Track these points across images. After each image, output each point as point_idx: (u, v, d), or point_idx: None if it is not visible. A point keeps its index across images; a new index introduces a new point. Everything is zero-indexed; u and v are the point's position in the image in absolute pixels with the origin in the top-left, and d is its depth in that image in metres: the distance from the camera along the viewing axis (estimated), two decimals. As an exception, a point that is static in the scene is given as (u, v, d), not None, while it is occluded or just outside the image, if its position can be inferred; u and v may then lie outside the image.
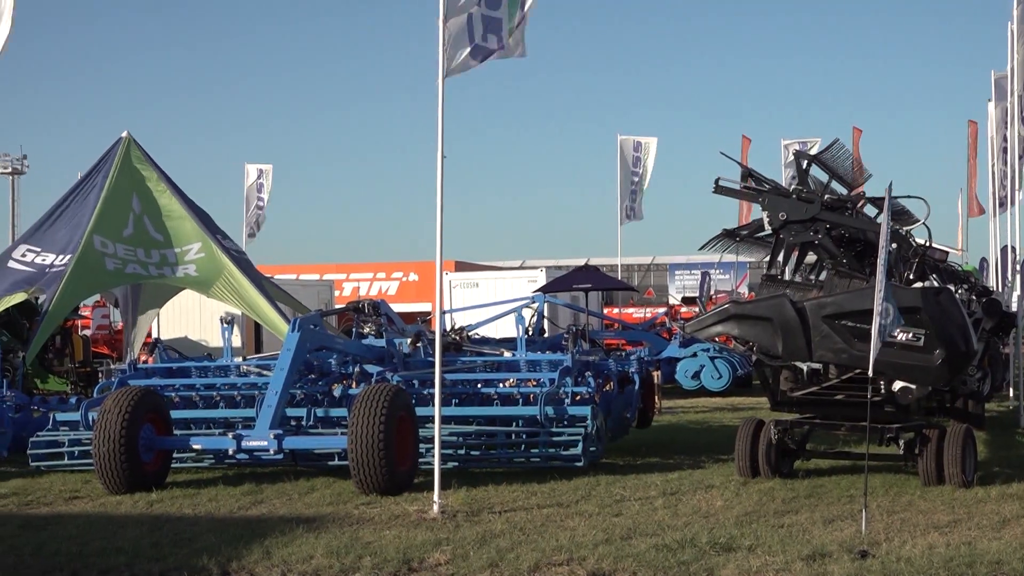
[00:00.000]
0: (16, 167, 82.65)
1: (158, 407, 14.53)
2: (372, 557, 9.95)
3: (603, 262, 52.08)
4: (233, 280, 21.40)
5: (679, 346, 27.49)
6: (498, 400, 15.55)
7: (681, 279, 61.37)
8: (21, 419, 17.31)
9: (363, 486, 13.08)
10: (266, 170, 41.56)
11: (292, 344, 14.48)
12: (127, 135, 22.55)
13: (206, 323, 28.08)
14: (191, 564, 9.82)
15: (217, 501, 13.14)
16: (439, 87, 12.38)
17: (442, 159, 12.47)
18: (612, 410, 16.23)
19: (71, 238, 21.04)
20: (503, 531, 11.00)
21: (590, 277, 31.48)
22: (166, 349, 17.69)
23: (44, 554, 10.43)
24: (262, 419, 14.03)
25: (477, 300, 31.47)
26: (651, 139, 41.43)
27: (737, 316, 13.54)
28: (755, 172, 14.79)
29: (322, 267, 50.35)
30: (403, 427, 13.43)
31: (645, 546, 10.22)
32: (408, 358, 16.30)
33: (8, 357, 18.94)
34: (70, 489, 14.16)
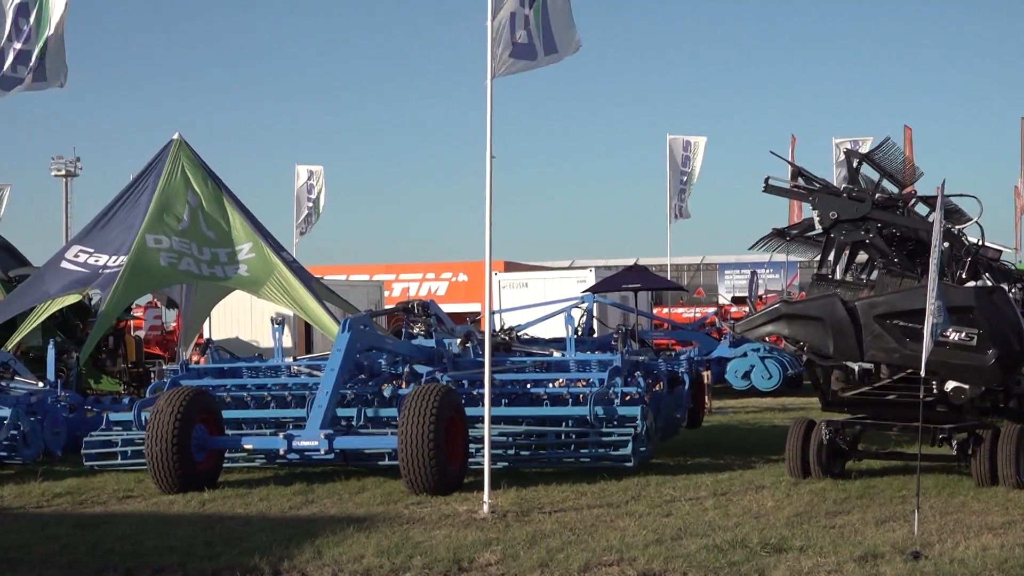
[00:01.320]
0: (69, 169, 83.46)
1: (210, 407, 14.62)
2: (422, 557, 9.97)
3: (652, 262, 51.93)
4: (284, 280, 21.50)
5: (729, 346, 27.41)
6: (548, 400, 15.54)
7: (731, 279, 61.11)
8: (75, 419, 17.49)
9: (413, 486, 13.11)
10: (316, 171, 41.72)
11: (342, 344, 14.54)
12: (178, 137, 22.70)
13: (257, 324, 28.24)
14: (243, 563, 9.88)
15: (268, 501, 13.21)
16: (487, 87, 12.39)
17: (491, 159, 12.48)
18: (662, 410, 16.19)
19: (124, 239, 21.19)
20: (553, 531, 10.99)
21: (639, 277, 31.40)
22: (218, 349, 17.81)
23: (98, 553, 10.52)
24: (313, 419, 14.09)
25: (526, 300, 31.48)
26: (700, 138, 41.31)
27: (788, 316, 13.48)
28: (805, 171, 14.72)
29: (372, 268, 50.47)
30: (453, 427, 13.45)
31: (695, 547, 10.19)
32: (458, 358, 16.32)
33: (62, 358, 19.13)
34: (123, 488, 14.28)
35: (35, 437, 16.33)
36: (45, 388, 18.01)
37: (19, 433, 16.11)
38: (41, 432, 16.52)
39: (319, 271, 33.12)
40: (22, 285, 22.43)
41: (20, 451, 16.12)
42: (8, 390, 17.76)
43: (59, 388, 18.16)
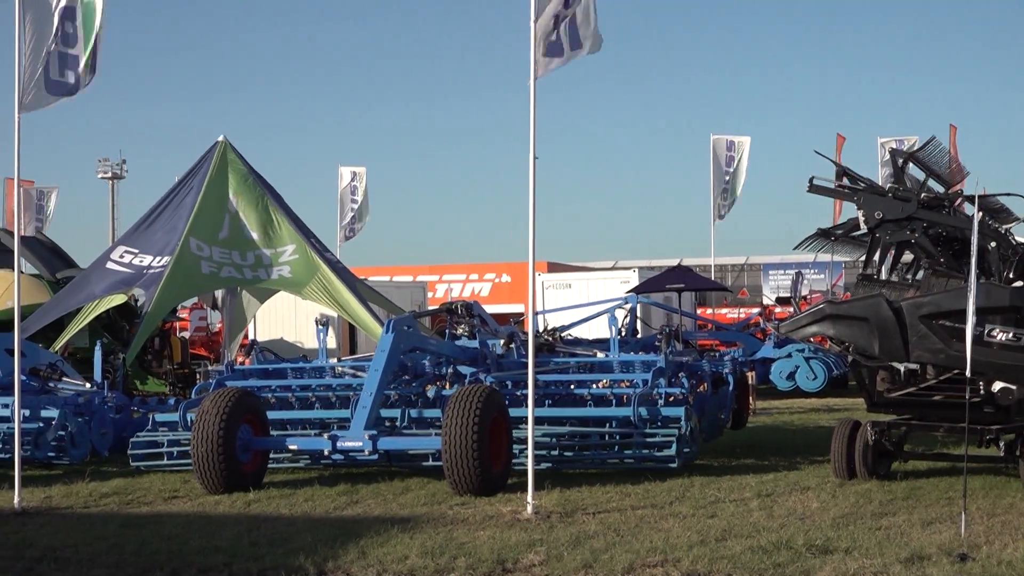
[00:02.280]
0: (116, 172, 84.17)
1: (255, 408, 14.69)
2: (466, 557, 9.99)
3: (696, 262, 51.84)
4: (327, 282, 21.59)
5: (774, 346, 27.27)
6: (591, 401, 15.52)
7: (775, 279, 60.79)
8: (121, 420, 17.62)
9: (457, 487, 13.13)
10: (360, 172, 41.86)
11: (386, 345, 14.57)
12: (223, 139, 22.83)
13: (301, 325, 28.33)
14: (288, 563, 9.92)
15: (313, 501, 13.26)
16: (531, 88, 12.40)
17: (534, 160, 12.49)
18: (706, 411, 16.14)
19: (168, 240, 21.34)
20: (597, 532, 10.99)
21: (683, 277, 31.34)
22: (262, 351, 17.89)
23: (144, 553, 10.59)
24: (357, 420, 14.14)
25: (570, 301, 31.45)
26: (744, 138, 41.15)
27: (832, 316, 13.42)
28: (850, 171, 14.65)
29: (415, 269, 50.60)
30: (496, 428, 13.46)
31: (740, 548, 10.15)
32: (501, 359, 16.33)
33: (109, 359, 19.26)
34: (169, 489, 14.37)
35: (82, 438, 16.47)
36: (92, 389, 18.16)
37: (67, 434, 16.25)
38: (88, 433, 16.65)
39: (363, 272, 33.24)
40: (68, 286, 22.64)
41: (68, 451, 16.26)
42: (56, 391, 17.92)
43: (106, 389, 18.30)
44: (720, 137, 40.45)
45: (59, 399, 17.15)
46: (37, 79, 13.39)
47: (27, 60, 13.33)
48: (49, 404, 16.61)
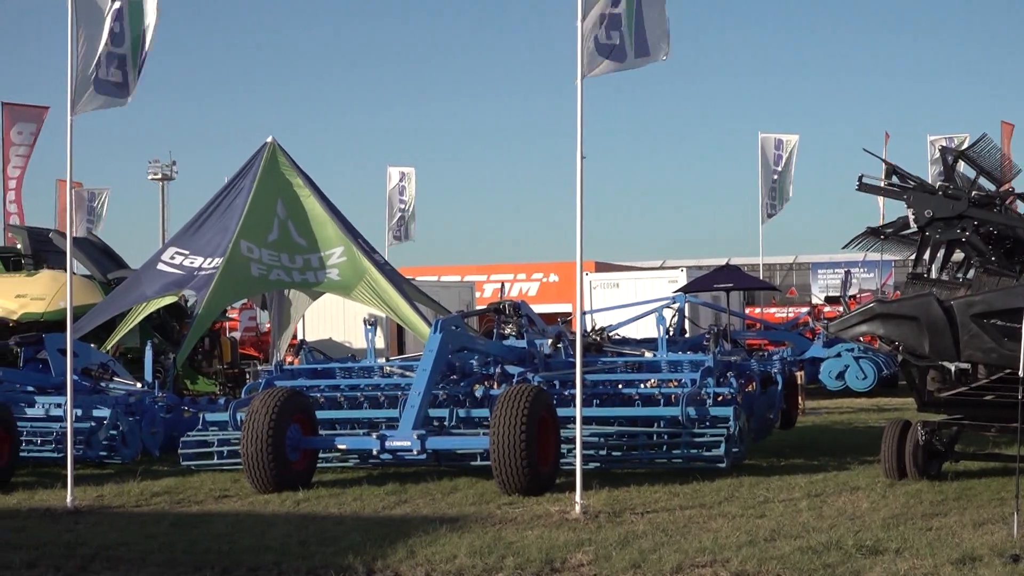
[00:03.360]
0: (166, 173, 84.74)
1: (304, 408, 14.76)
2: (515, 557, 9.99)
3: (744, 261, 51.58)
4: (375, 283, 21.66)
5: (823, 346, 27.13)
6: (639, 401, 15.49)
7: (824, 278, 60.48)
8: (172, 419, 17.75)
9: (505, 486, 13.14)
10: (408, 173, 42.00)
11: (434, 345, 14.60)
12: (272, 140, 22.94)
13: (350, 325, 28.44)
14: (337, 563, 9.96)
15: (362, 500, 13.31)
16: (578, 88, 12.40)
17: (582, 160, 12.48)
18: (755, 411, 16.08)
19: (219, 242, 21.46)
20: (645, 532, 10.97)
21: (731, 276, 31.23)
22: (311, 351, 17.97)
23: (195, 551, 10.67)
24: (405, 419, 14.17)
25: (617, 300, 31.44)
26: (792, 136, 41.00)
27: (882, 315, 13.33)
28: (900, 169, 14.55)
29: (463, 268, 50.62)
30: (544, 427, 13.46)
31: (789, 548, 10.11)
32: (549, 359, 16.32)
33: (159, 359, 19.42)
34: (220, 488, 14.46)
35: (134, 437, 16.60)
36: (143, 389, 18.31)
37: (118, 433, 16.40)
38: (139, 432, 16.79)
39: (410, 272, 33.33)
40: (120, 287, 22.82)
41: (119, 451, 16.41)
42: (107, 391, 18.08)
43: (156, 389, 18.44)
44: (768, 135, 40.32)
45: (111, 399, 17.30)
46: (87, 80, 13.52)
47: (79, 62, 13.46)
48: (101, 404, 16.75)
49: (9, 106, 36.56)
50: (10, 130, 36.15)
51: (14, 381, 17.77)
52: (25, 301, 24.52)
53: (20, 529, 12.00)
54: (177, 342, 23.85)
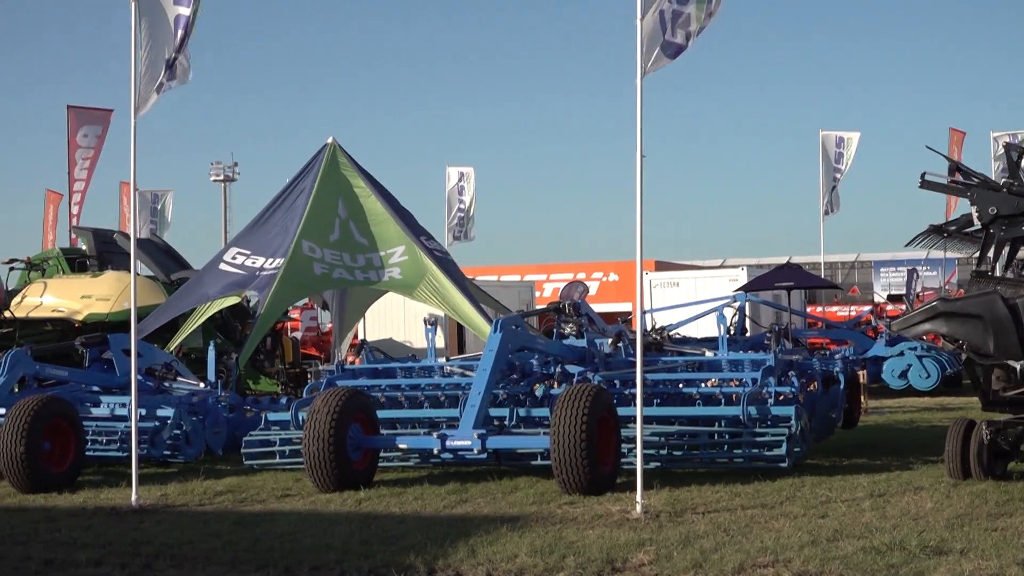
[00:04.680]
0: (228, 174, 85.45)
1: (365, 407, 14.82)
2: (576, 556, 9.99)
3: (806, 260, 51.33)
4: (436, 282, 21.70)
5: (885, 345, 26.88)
6: (700, 400, 15.44)
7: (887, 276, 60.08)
8: (235, 419, 17.88)
9: (566, 486, 13.14)
10: (467, 173, 42.05)
11: (494, 345, 14.62)
12: (332, 141, 23.04)
13: (410, 325, 28.57)
14: (398, 562, 10.00)
15: (423, 500, 13.35)
16: (637, 86, 12.37)
17: (641, 158, 12.46)
18: (816, 410, 15.97)
19: (281, 242, 21.58)
20: (707, 532, 10.93)
21: (792, 275, 31.05)
22: (372, 350, 18.04)
23: (258, 550, 10.74)
24: (466, 419, 14.19)
25: (678, 299, 31.35)
26: (854, 134, 40.70)
27: (946, 314, 13.21)
28: (963, 166, 14.43)
29: (523, 268, 50.70)
30: (605, 427, 13.45)
31: (852, 548, 10.04)
32: (609, 358, 16.29)
33: (222, 359, 19.56)
34: (282, 487, 14.56)
35: (197, 437, 16.74)
36: (206, 389, 18.45)
37: (182, 433, 16.54)
38: (203, 432, 16.92)
39: (470, 272, 33.37)
40: (183, 287, 23.01)
41: (183, 450, 16.55)
42: (171, 391, 18.25)
43: (219, 389, 18.58)
44: (829, 133, 40.06)
45: (174, 399, 17.46)
46: (148, 83, 13.65)
47: (143, 66, 13.59)
48: (164, 403, 16.91)
49: (75, 109, 36.97)
50: (76, 133, 36.53)
51: (80, 381, 17.97)
52: (90, 302, 24.80)
53: (86, 527, 12.14)
54: (239, 342, 24.02)
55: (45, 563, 10.51)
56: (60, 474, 15.06)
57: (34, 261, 28.37)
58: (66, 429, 15.28)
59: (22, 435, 14.61)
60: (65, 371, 17.98)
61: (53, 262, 28.22)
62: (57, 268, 27.78)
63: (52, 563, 10.51)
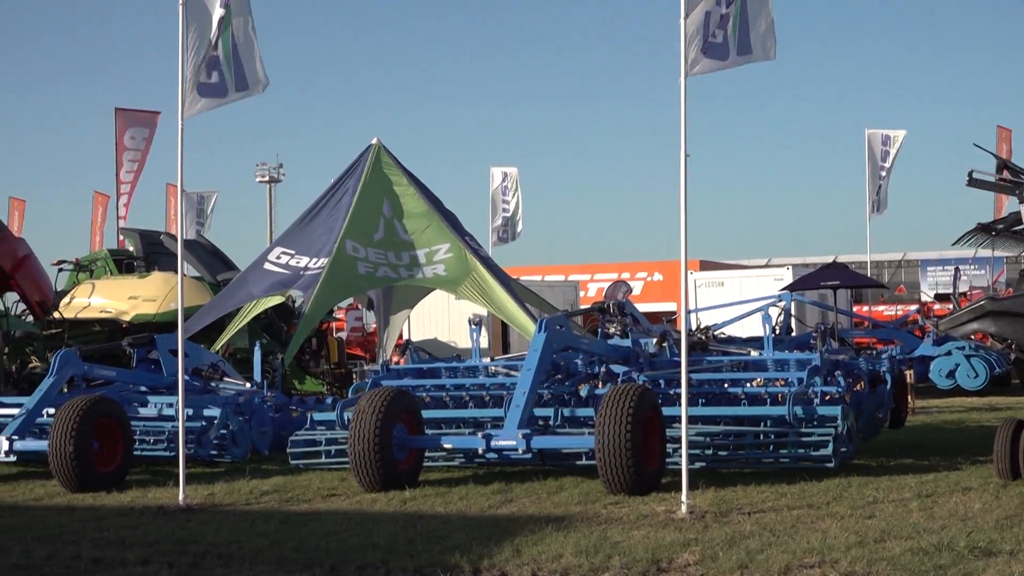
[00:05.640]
0: (273, 175, 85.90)
1: (410, 407, 14.85)
2: (621, 557, 9.98)
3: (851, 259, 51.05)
4: (481, 280, 21.69)
5: (932, 344, 26.70)
6: (745, 400, 15.38)
7: (933, 275, 59.61)
8: (280, 419, 17.97)
9: (611, 486, 13.13)
10: (511, 173, 42.04)
11: (539, 345, 14.62)
12: (377, 142, 23.09)
13: (455, 325, 28.60)
14: (444, 561, 10.02)
15: (468, 499, 13.37)
16: (681, 86, 12.35)
17: (685, 158, 12.43)
18: (863, 410, 15.88)
19: (325, 242, 21.63)
20: (753, 532, 10.89)
21: (838, 274, 30.87)
22: (417, 350, 18.08)
23: (304, 549, 10.79)
24: (510, 419, 14.20)
25: (722, 299, 31.24)
26: (899, 132, 40.41)
27: (994, 313, 13.12)
28: (1011, 163, 14.31)
29: (567, 268, 50.60)
30: (650, 427, 13.43)
31: (900, 549, 9.98)
32: (654, 358, 16.26)
33: (268, 359, 19.68)
34: (327, 487, 14.62)
35: (243, 436, 16.84)
36: (252, 389, 18.56)
37: (228, 432, 16.64)
38: (249, 431, 17.03)
39: (515, 272, 33.34)
40: (227, 287, 23.15)
41: (229, 450, 16.65)
42: (217, 391, 18.36)
43: (265, 389, 18.68)
44: (875, 131, 39.79)
45: (220, 398, 17.57)
46: (193, 85, 13.74)
47: (189, 68, 13.68)
48: (211, 403, 17.02)
49: (122, 111, 37.26)
50: (123, 135, 36.84)
51: (127, 381, 18.11)
52: (137, 302, 25.03)
53: (134, 526, 12.24)
54: (285, 342, 24.16)
55: (94, 562, 10.60)
56: (108, 473, 15.19)
57: (82, 262, 28.67)
58: (114, 429, 15.41)
59: (71, 435, 14.75)
60: (113, 371, 18.13)
61: (101, 263, 28.49)
62: (105, 269, 28.06)
63: (101, 562, 10.60)
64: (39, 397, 16.62)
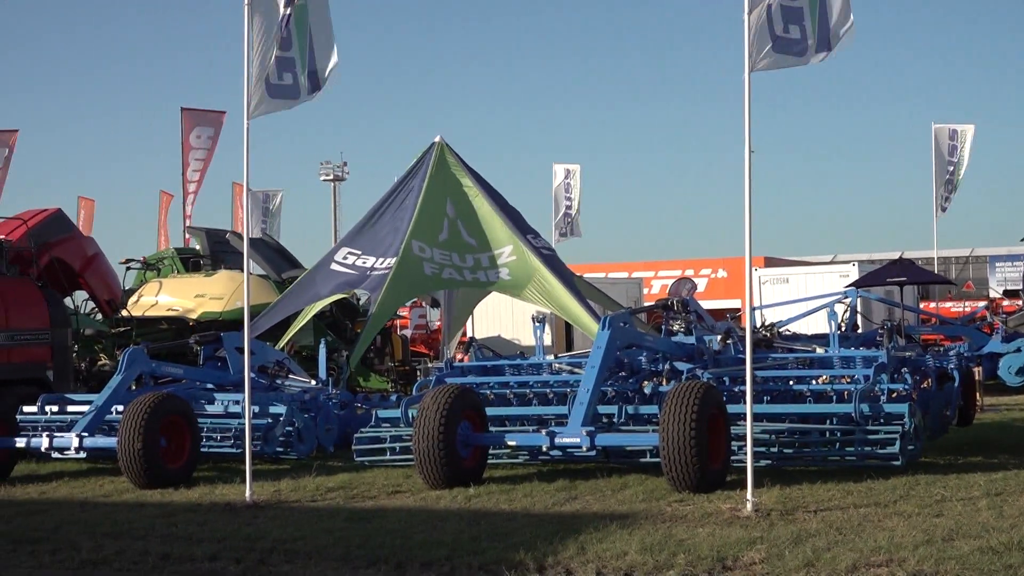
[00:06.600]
0: (337, 174, 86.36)
1: (475, 404, 14.89)
2: (686, 554, 9.95)
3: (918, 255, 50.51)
4: (544, 283, 21.69)
5: (1001, 341, 26.38)
6: (811, 397, 15.27)
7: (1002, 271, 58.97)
8: (346, 416, 18.07)
9: (675, 483, 13.09)
10: (573, 170, 41.98)
11: (603, 342, 14.60)
12: (440, 140, 23.14)
13: (518, 322, 28.61)
14: (508, 559, 10.03)
15: (532, 497, 13.38)
16: (745, 82, 12.29)
17: (750, 154, 12.37)
18: (930, 408, 15.73)
19: (391, 242, 21.71)
20: (819, 530, 10.82)
21: (905, 271, 30.56)
22: (481, 348, 18.11)
23: (370, 546, 10.84)
24: (574, 416, 14.19)
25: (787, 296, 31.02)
26: (968, 127, 39.93)
27: (1064, 309, 12.95)
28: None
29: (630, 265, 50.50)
30: (715, 424, 13.37)
31: (968, 548, 9.88)
32: (718, 355, 16.19)
33: (333, 356, 19.77)
34: (392, 484, 14.68)
35: (309, 433, 16.93)
36: (317, 386, 18.66)
37: (294, 430, 16.74)
38: (314, 429, 17.12)
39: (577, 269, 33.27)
40: (294, 286, 23.30)
41: (295, 447, 16.75)
42: (283, 388, 18.48)
43: (330, 386, 18.77)
44: (942, 126, 39.35)
45: (287, 396, 17.68)
46: (261, 85, 13.83)
47: (255, 67, 13.77)
48: (277, 401, 17.13)
49: (188, 111, 37.60)
50: (189, 135, 37.15)
51: (194, 379, 18.27)
52: (204, 300, 25.23)
53: (202, 523, 12.36)
54: (350, 340, 24.27)
55: (162, 557, 10.72)
56: (176, 470, 15.36)
57: (150, 261, 28.94)
58: (182, 426, 15.57)
59: (139, 432, 14.91)
60: (180, 369, 18.31)
61: (168, 262, 28.75)
62: (172, 268, 28.31)
63: (169, 557, 10.72)
64: (108, 394, 16.81)
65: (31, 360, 19.40)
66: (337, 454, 17.17)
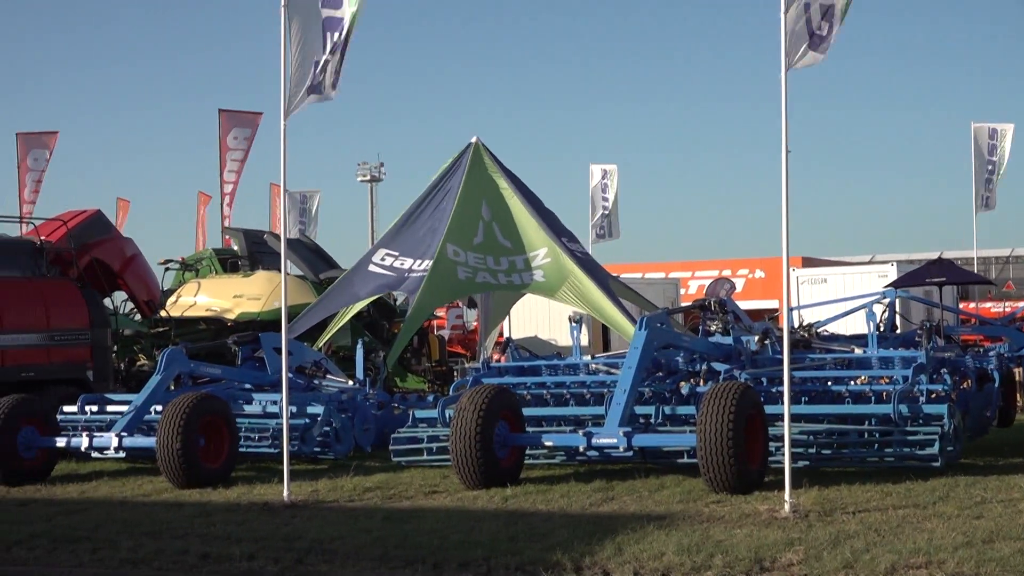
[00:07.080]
0: (374, 175, 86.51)
1: (511, 405, 14.89)
2: (723, 555, 9.92)
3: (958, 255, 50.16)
4: (579, 284, 21.65)
5: (1042, 342, 26.18)
6: (849, 398, 15.20)
7: (1043, 271, 58.46)
8: (383, 416, 18.11)
9: (713, 484, 13.06)
10: (610, 170, 41.90)
11: (640, 342, 14.58)
12: (476, 140, 23.14)
13: (555, 322, 28.55)
14: (545, 559, 10.04)
15: (569, 497, 13.38)
16: (782, 80, 12.26)
17: (787, 154, 12.33)
18: (970, 408, 15.64)
19: (429, 244, 21.73)
20: (857, 532, 10.77)
21: (944, 271, 30.34)
22: (517, 348, 18.12)
23: (407, 546, 10.87)
24: (611, 417, 14.18)
25: (825, 296, 30.83)
26: (1008, 125, 39.60)
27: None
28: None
29: (667, 265, 50.39)
30: (752, 425, 13.34)
31: (1009, 550, 9.81)
32: (756, 356, 16.14)
33: (370, 357, 19.83)
34: (429, 484, 14.70)
35: (346, 434, 16.99)
36: (355, 386, 18.71)
37: (331, 430, 16.79)
38: (352, 429, 17.17)
39: (614, 270, 33.24)
40: (332, 287, 23.37)
41: (333, 447, 16.82)
42: (320, 388, 18.54)
43: (368, 386, 18.82)
44: (981, 125, 39.05)
45: (324, 396, 17.73)
46: (298, 85, 13.86)
47: (293, 68, 13.81)
48: (315, 401, 17.18)
49: (226, 112, 37.78)
50: (227, 136, 37.33)
51: (233, 379, 18.36)
52: (242, 301, 25.36)
53: (240, 522, 12.41)
54: (387, 340, 24.32)
55: (201, 557, 10.79)
56: (215, 470, 15.43)
57: (188, 261, 29.11)
58: (220, 426, 15.65)
59: (178, 431, 15.00)
60: (218, 369, 18.40)
61: (206, 262, 28.91)
62: (210, 268, 28.46)
63: (208, 556, 10.78)
64: (147, 394, 16.92)
65: (71, 360, 19.57)
66: (374, 454, 17.22)
